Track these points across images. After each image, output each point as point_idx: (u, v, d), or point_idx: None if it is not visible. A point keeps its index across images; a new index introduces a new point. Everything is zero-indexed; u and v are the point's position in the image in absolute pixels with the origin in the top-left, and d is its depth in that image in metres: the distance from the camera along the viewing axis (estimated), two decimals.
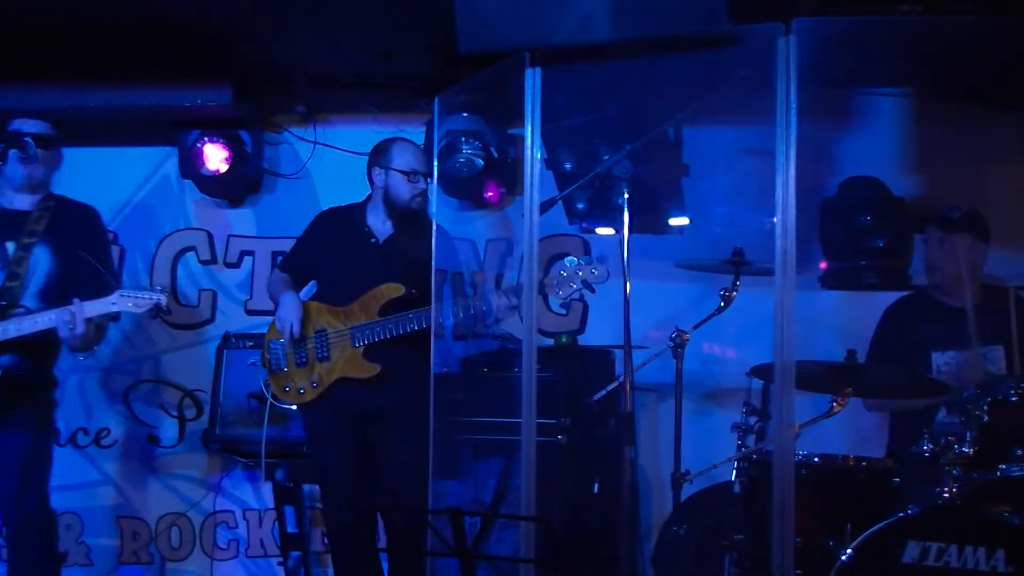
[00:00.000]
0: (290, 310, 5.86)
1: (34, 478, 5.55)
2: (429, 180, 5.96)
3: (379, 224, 5.97)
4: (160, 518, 7.38)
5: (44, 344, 5.54)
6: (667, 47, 4.68)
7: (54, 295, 5.48)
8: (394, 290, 5.77)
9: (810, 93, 4.46)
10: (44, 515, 5.61)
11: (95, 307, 5.31)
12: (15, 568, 5.56)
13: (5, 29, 6.30)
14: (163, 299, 5.31)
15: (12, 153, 5.58)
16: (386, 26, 6.33)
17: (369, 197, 6.03)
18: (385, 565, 5.96)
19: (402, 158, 5.92)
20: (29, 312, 5.43)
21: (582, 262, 5.51)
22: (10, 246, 5.52)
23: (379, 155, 5.98)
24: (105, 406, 7.44)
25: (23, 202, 5.66)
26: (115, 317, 5.67)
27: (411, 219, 5.92)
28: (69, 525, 7.30)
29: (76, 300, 5.31)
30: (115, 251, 7.40)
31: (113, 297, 5.29)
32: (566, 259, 5.61)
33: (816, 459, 5.10)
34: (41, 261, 5.53)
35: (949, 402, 5.23)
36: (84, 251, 5.51)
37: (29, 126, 5.64)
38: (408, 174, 5.89)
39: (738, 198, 6.35)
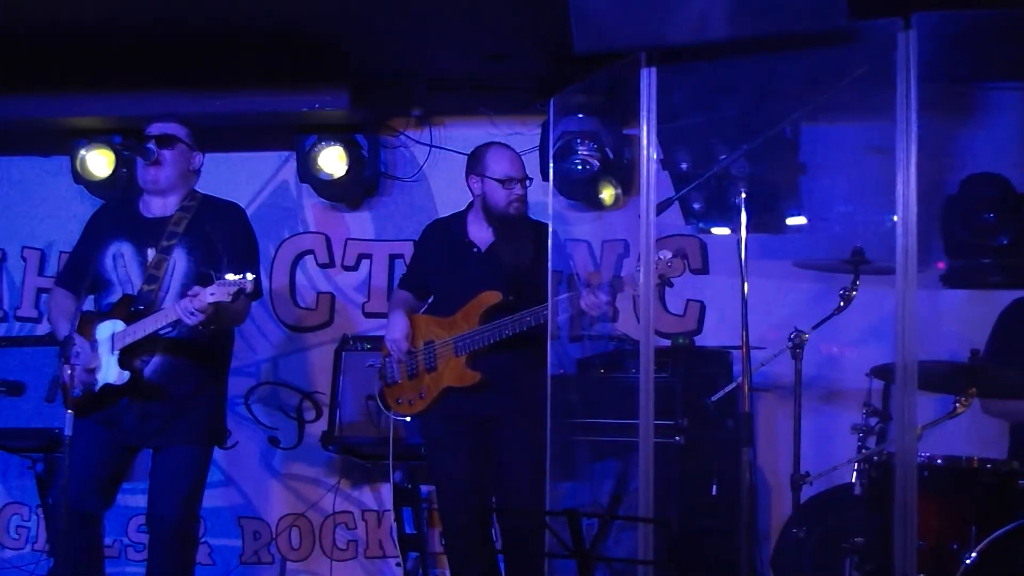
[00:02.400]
0: (396, 330, 5.93)
1: (178, 491, 5.57)
2: (528, 183, 5.96)
3: (480, 232, 5.98)
4: (280, 518, 7.47)
5: (195, 350, 5.57)
6: (785, 44, 4.64)
7: None
8: (493, 298, 5.77)
9: (931, 88, 4.40)
10: (187, 526, 5.64)
11: (199, 299, 5.23)
12: (152, 573, 5.63)
13: (129, 39, 6.43)
14: (248, 284, 5.22)
15: (138, 159, 5.66)
16: (501, 28, 6.35)
17: (471, 205, 6.05)
18: (503, 566, 5.98)
19: (496, 165, 5.90)
20: None
21: (659, 256, 5.43)
22: (150, 252, 5.56)
23: (474, 163, 5.98)
24: (226, 408, 7.52)
25: (165, 207, 5.67)
26: (251, 295, 5.61)
27: (511, 225, 5.91)
28: None
29: (196, 287, 5.29)
30: None
31: (212, 288, 5.21)
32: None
33: (939, 461, 5.02)
34: (179, 262, 5.53)
35: None
36: (218, 249, 5.49)
37: (156, 128, 5.67)
38: (503, 181, 5.88)
39: (858, 196, 6.27)
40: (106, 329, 5.47)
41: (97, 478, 5.52)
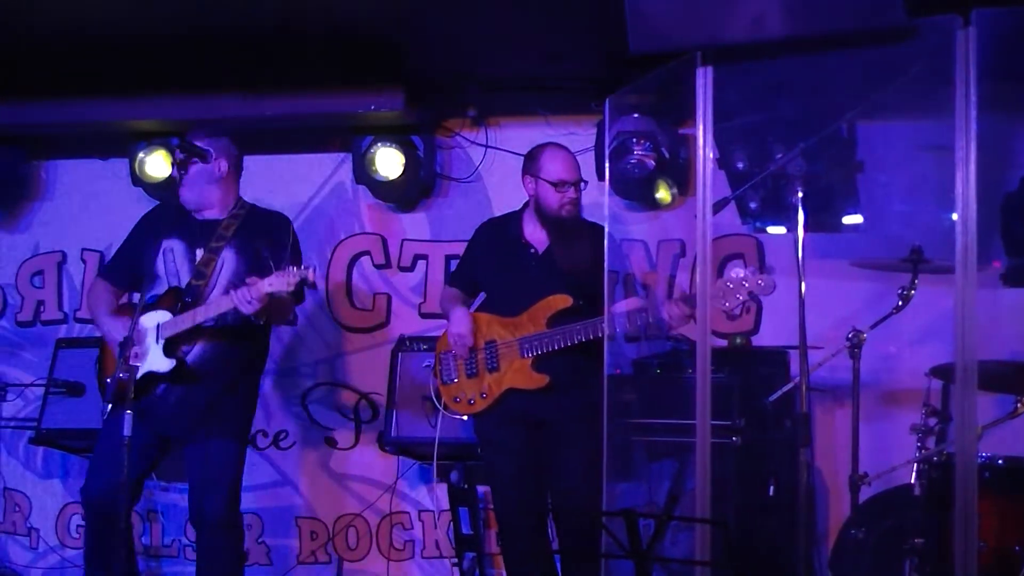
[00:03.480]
0: (461, 325, 5.92)
1: (222, 483, 5.71)
2: (583, 186, 5.94)
3: (536, 233, 5.97)
4: (337, 519, 7.49)
5: (237, 341, 5.74)
6: (842, 42, 4.61)
7: None
8: (562, 301, 5.77)
9: (990, 86, 4.36)
10: (228, 519, 5.76)
11: (256, 289, 5.43)
12: (199, 568, 5.74)
13: (187, 42, 6.47)
14: (310, 273, 5.41)
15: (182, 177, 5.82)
16: (556, 28, 6.35)
17: (526, 204, 6.05)
18: (559, 567, 5.97)
19: (551, 166, 5.87)
20: None
21: (748, 273, 5.43)
22: (199, 252, 5.72)
23: (530, 163, 5.97)
24: (283, 409, 7.58)
25: (216, 213, 5.85)
26: (297, 295, 5.78)
27: (564, 227, 5.90)
28: (249, 525, 7.43)
29: (253, 277, 5.48)
30: None
31: (270, 278, 5.41)
32: (732, 270, 5.53)
33: (1000, 461, 4.99)
34: (228, 262, 5.72)
35: None
36: (266, 251, 5.67)
37: (178, 155, 5.86)
38: (555, 184, 5.86)
39: (916, 195, 6.23)
40: (151, 319, 5.63)
41: (130, 476, 5.59)
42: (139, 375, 5.50)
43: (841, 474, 6.49)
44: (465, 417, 6.17)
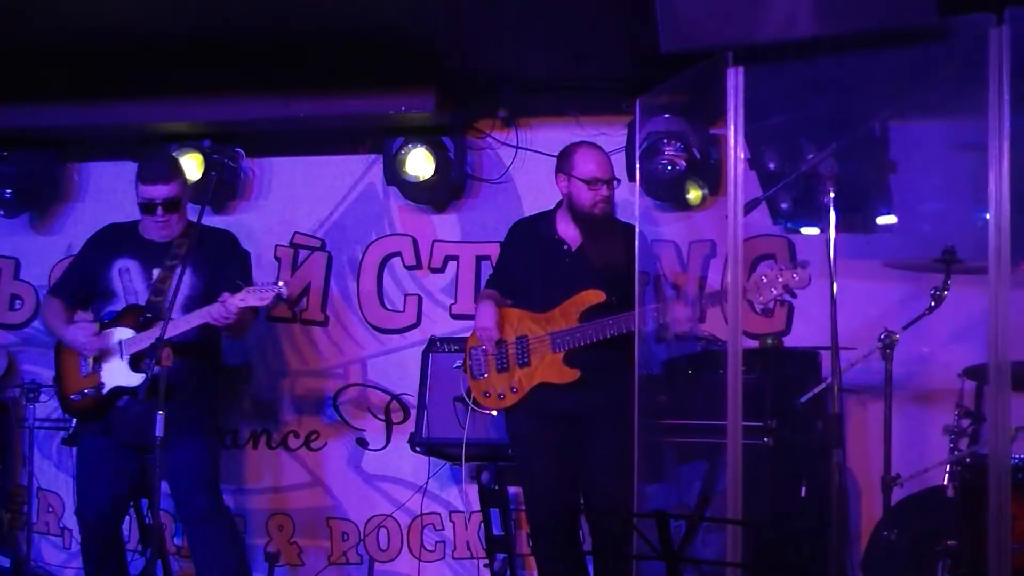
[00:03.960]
0: (486, 318, 5.95)
1: (202, 478, 5.98)
2: (616, 184, 5.96)
3: (570, 230, 5.98)
4: (368, 519, 7.50)
5: (197, 353, 5.99)
6: (874, 42, 4.59)
7: (195, 308, 5.86)
8: (595, 297, 5.78)
9: (1023, 84, 4.34)
10: (216, 510, 6.01)
11: (231, 304, 5.71)
12: (199, 564, 5.97)
13: (213, 43, 6.49)
14: (284, 290, 5.73)
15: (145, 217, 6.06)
16: (586, 29, 6.34)
17: (559, 203, 6.06)
18: (590, 567, 5.97)
19: (583, 165, 5.90)
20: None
21: (783, 267, 5.43)
22: (155, 271, 5.96)
23: (563, 161, 5.99)
24: (315, 410, 7.59)
25: (168, 234, 6.05)
26: (255, 311, 6.03)
27: (597, 225, 5.91)
28: (281, 526, 7.48)
29: (225, 294, 5.73)
30: (322, 257, 7.59)
31: (241, 294, 5.70)
32: (765, 264, 5.53)
33: None
34: (184, 279, 5.86)
35: None
36: (221, 268, 5.96)
37: (159, 193, 5.97)
38: (588, 182, 5.87)
39: (948, 195, 6.19)
40: (113, 336, 5.90)
41: (112, 493, 5.90)
42: (106, 390, 5.85)
43: (873, 475, 6.47)
44: (495, 412, 6.17)
